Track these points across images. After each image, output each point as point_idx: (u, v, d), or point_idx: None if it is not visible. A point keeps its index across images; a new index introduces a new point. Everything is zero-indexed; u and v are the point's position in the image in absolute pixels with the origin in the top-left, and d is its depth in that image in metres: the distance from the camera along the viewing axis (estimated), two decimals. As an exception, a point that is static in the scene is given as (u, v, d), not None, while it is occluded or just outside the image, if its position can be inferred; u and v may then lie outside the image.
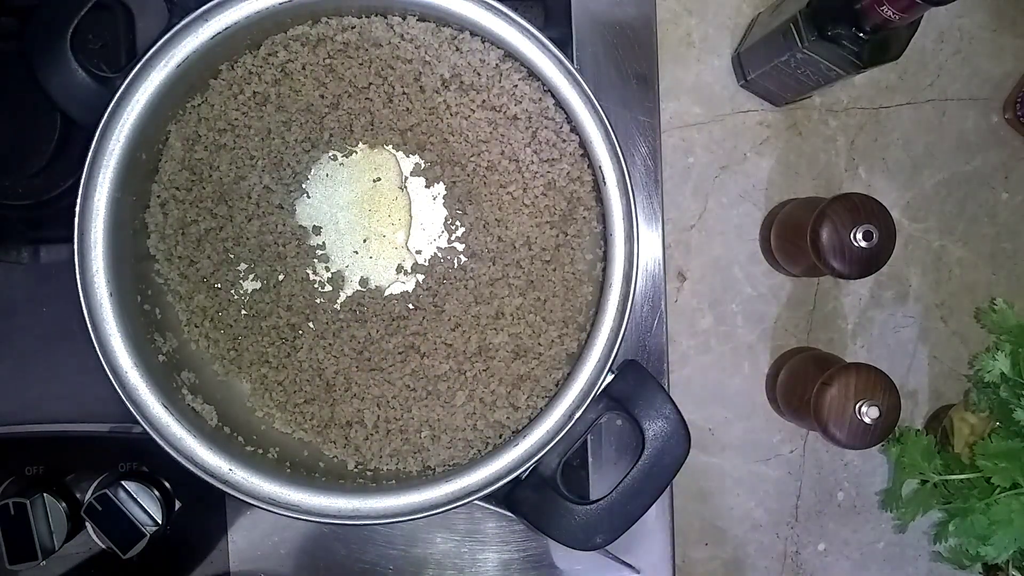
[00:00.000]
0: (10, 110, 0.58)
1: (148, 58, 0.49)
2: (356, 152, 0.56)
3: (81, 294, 0.49)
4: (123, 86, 0.49)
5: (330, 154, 0.56)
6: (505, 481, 0.49)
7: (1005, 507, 0.56)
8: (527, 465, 0.49)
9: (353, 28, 0.53)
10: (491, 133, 0.53)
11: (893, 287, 0.71)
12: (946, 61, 0.69)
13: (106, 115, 0.49)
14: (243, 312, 0.55)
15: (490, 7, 0.49)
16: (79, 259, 0.49)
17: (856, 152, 0.70)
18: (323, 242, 0.56)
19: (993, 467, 0.56)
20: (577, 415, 0.50)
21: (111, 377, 0.49)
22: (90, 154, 0.49)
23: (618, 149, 0.50)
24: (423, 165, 0.56)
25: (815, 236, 0.59)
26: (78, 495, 0.59)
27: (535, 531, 0.52)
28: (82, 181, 0.49)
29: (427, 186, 0.56)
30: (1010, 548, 0.56)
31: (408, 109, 0.54)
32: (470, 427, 0.54)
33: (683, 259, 0.70)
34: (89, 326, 0.49)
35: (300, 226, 0.56)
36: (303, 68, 0.53)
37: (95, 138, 0.49)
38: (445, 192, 0.56)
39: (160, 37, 0.49)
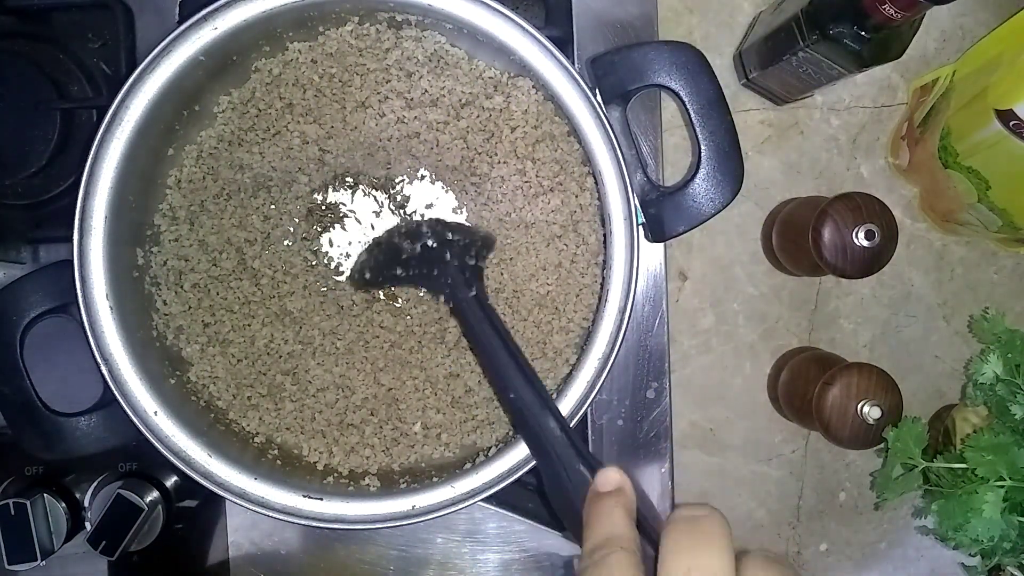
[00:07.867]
0: (10, 110, 0.58)
1: (154, 55, 0.49)
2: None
3: (80, 293, 0.49)
4: (126, 85, 0.49)
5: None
6: (507, 482, 0.49)
7: (981, 498, 0.56)
8: (528, 467, 0.49)
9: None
10: (495, 144, 0.53)
11: (895, 287, 0.71)
12: (948, 60, 0.69)
13: (109, 114, 0.49)
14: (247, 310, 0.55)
15: (489, 7, 0.49)
16: (79, 259, 0.49)
17: (858, 151, 0.70)
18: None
19: (980, 459, 0.57)
20: (579, 413, 0.50)
21: (107, 376, 0.49)
22: (92, 153, 0.49)
23: (618, 152, 0.50)
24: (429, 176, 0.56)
25: (817, 235, 0.59)
26: (78, 495, 0.58)
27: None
28: (83, 181, 0.49)
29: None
30: (982, 538, 0.57)
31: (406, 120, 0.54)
32: (473, 431, 0.54)
33: (684, 259, 0.70)
34: (87, 326, 0.49)
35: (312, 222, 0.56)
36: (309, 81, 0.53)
37: (97, 137, 0.49)
38: (455, 204, 0.55)
39: (164, 38, 0.49)
